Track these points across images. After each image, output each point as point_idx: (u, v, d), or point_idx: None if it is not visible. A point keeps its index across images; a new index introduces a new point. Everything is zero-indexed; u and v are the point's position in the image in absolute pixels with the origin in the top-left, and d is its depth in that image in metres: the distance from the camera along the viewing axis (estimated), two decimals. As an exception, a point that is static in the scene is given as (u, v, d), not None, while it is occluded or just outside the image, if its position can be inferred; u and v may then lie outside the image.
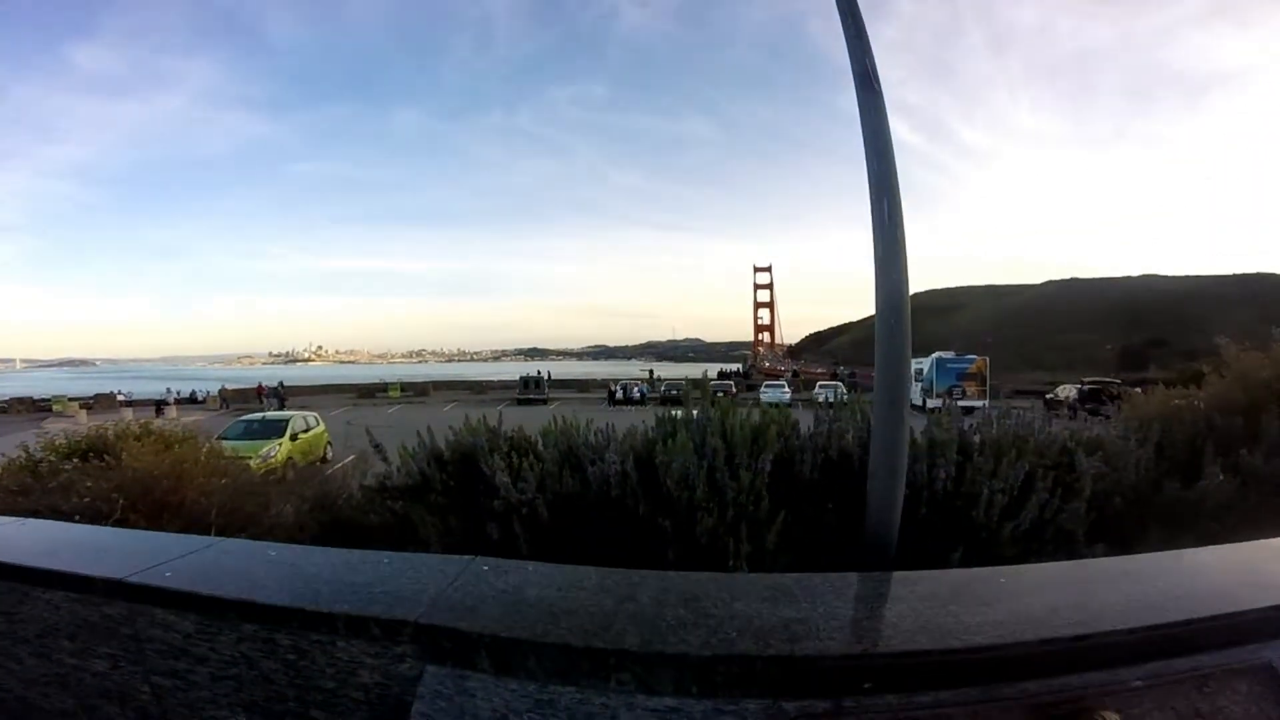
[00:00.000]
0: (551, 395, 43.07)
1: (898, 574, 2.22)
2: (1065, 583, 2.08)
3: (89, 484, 4.02)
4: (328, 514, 4.12)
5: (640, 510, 3.34)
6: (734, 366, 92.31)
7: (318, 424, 18.64)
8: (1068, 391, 33.29)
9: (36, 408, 41.06)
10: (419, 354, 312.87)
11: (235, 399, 43.59)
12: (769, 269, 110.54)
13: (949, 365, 35.17)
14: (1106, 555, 3.22)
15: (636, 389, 43.39)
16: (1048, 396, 34.33)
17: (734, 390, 41.43)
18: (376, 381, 53.08)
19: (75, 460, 5.09)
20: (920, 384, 35.04)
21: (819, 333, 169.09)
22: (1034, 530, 3.42)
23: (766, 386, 41.57)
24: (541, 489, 3.48)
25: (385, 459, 4.08)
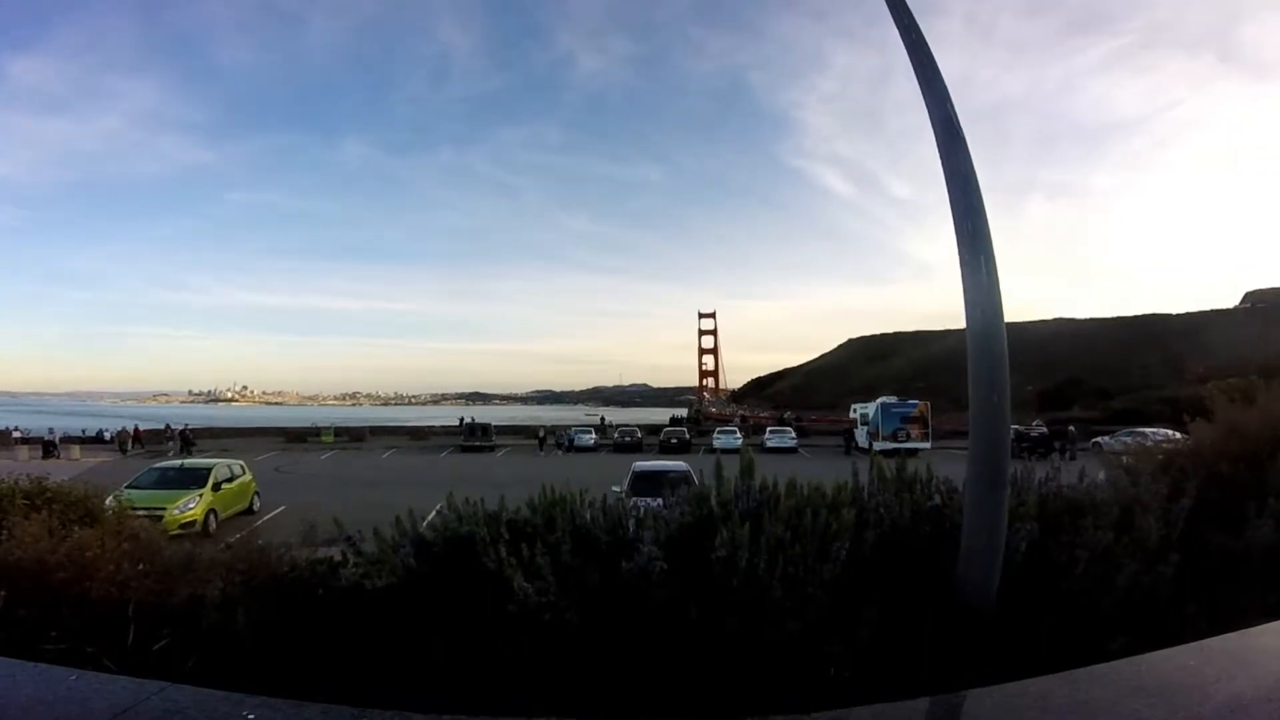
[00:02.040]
0: (499, 442, 41.41)
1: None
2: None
3: (-46, 574, 3.09)
4: (279, 605, 3.28)
5: (691, 613, 2.72)
6: (681, 412, 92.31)
7: (244, 472, 16.96)
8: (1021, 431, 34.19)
9: (-82, 445, 36.30)
10: (353, 396, 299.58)
11: (150, 440, 39.86)
12: (713, 315, 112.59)
13: (894, 410, 36.17)
14: (1199, 616, 2.98)
15: (585, 435, 41.92)
16: None
17: (688, 436, 41.11)
18: (308, 425, 49.89)
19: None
20: (866, 428, 35.96)
21: (760, 378, 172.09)
22: (1124, 595, 3.08)
23: (719, 432, 41.35)
24: (565, 589, 2.82)
25: (358, 550, 3.30)
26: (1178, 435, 6.12)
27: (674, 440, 39.08)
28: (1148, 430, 21.02)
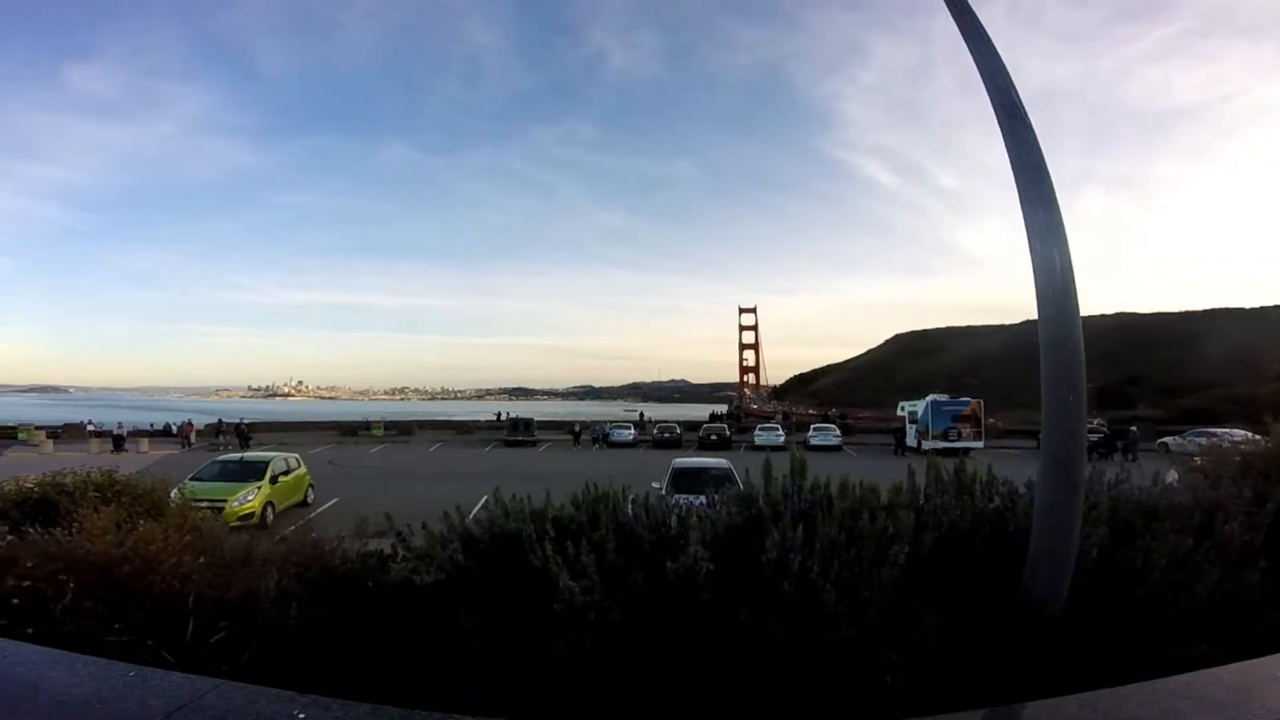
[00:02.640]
0: (540, 437, 41.92)
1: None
2: None
3: (31, 564, 3.24)
4: (331, 599, 3.34)
5: (741, 616, 2.64)
6: (720, 408, 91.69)
7: (299, 466, 17.58)
8: None
9: (1, 435, 38.88)
10: (401, 391, 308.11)
11: (204, 435, 41.59)
12: (754, 310, 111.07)
13: (944, 408, 35.04)
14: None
15: (623, 431, 41.81)
16: (1041, 436, 34.08)
17: (729, 433, 40.73)
18: (359, 419, 51.36)
19: (22, 518, 4.31)
20: (915, 426, 34.92)
21: (802, 374, 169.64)
22: (1204, 603, 2.93)
23: (761, 429, 40.86)
24: (610, 588, 2.78)
25: (408, 544, 3.33)
26: (1254, 436, 5.73)
27: (714, 437, 38.73)
28: (1219, 431, 19.82)
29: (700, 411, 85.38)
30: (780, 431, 38.97)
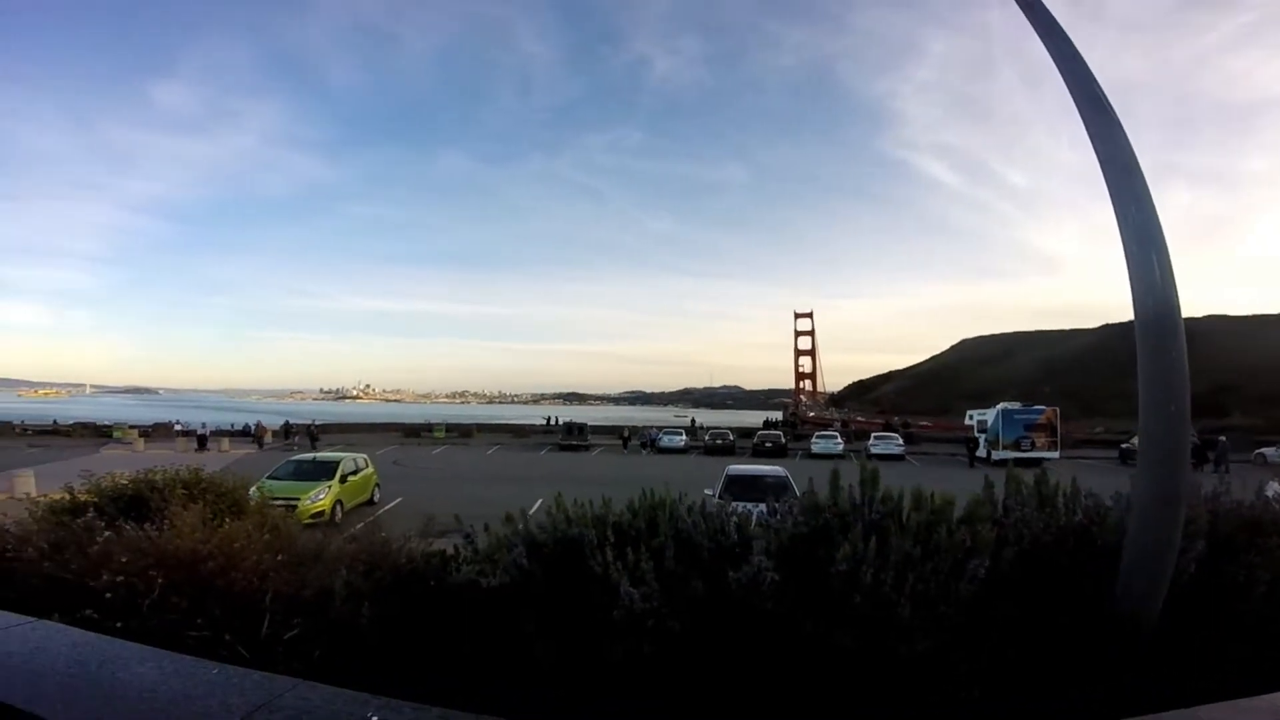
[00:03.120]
0: (593, 442, 42.29)
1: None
2: None
3: (125, 559, 3.45)
4: (399, 599, 3.43)
5: (806, 627, 2.56)
6: (775, 415, 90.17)
7: (367, 465, 18.28)
8: None
9: (98, 433, 42.38)
10: (461, 395, 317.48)
11: (279, 435, 43.90)
12: (810, 315, 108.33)
13: (1016, 416, 33.39)
14: None
15: (673, 437, 41.56)
16: (1123, 447, 32.13)
17: (784, 440, 39.95)
18: (422, 421, 53.23)
19: (117, 514, 4.61)
20: (985, 436, 33.31)
21: (862, 380, 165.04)
22: None
23: (818, 437, 39.92)
24: (669, 596, 2.74)
25: (474, 546, 3.38)
26: None
27: (768, 444, 38.00)
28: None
29: (753, 418, 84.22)
30: (839, 439, 37.93)
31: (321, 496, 15.04)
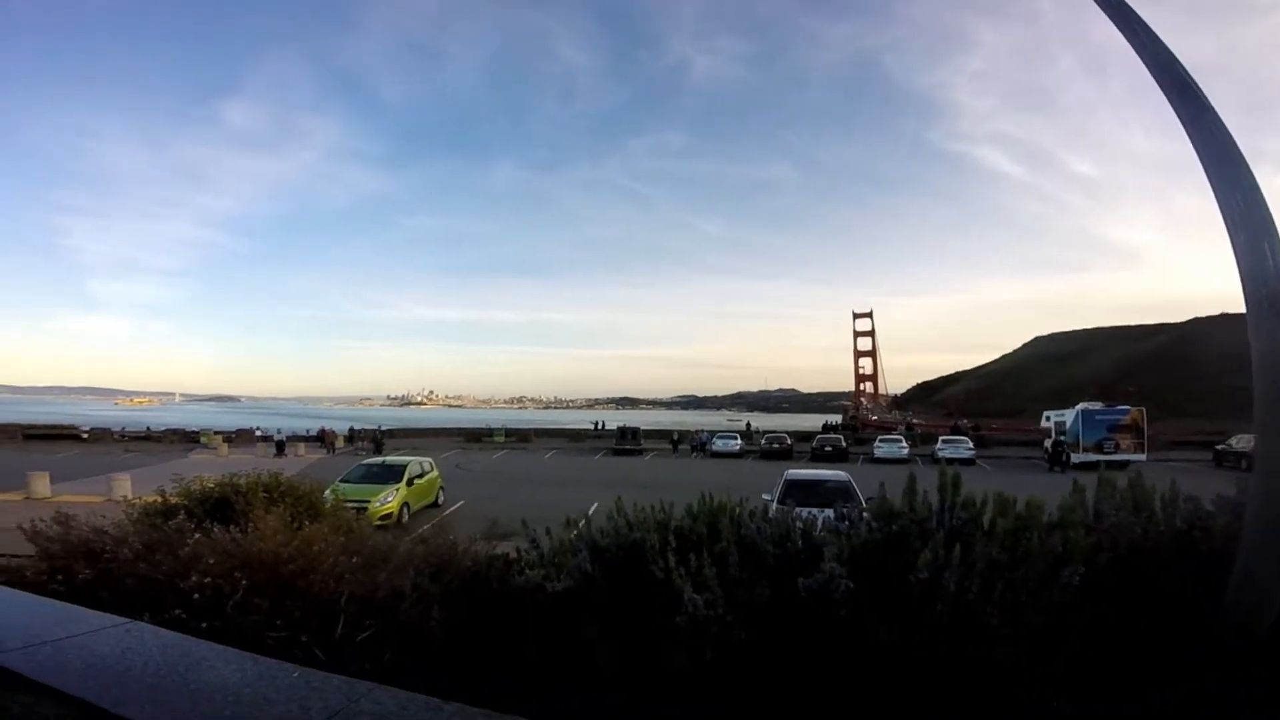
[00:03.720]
0: (646, 446, 42.34)
1: None
2: None
3: (212, 561, 3.65)
4: (465, 602, 3.49)
5: (880, 635, 2.45)
6: (834, 418, 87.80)
7: (432, 469, 18.85)
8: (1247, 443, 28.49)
9: (187, 439, 45.79)
10: (519, 400, 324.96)
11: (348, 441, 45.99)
12: (869, 314, 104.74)
13: (1097, 417, 31.49)
14: None
15: (728, 441, 40.90)
16: (1219, 448, 29.70)
17: (844, 444, 38.80)
18: (482, 426, 54.68)
19: (204, 516, 4.88)
20: (1063, 438, 31.45)
21: (927, 382, 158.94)
22: None
23: (881, 440, 38.64)
24: (732, 602, 2.68)
25: (539, 549, 3.41)
26: None
27: (828, 448, 36.97)
28: None
29: (810, 422, 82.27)
30: (903, 443, 36.56)
31: (390, 499, 15.58)
